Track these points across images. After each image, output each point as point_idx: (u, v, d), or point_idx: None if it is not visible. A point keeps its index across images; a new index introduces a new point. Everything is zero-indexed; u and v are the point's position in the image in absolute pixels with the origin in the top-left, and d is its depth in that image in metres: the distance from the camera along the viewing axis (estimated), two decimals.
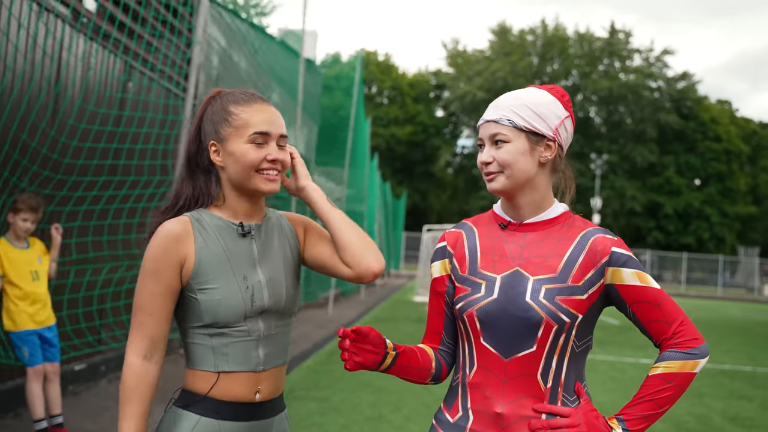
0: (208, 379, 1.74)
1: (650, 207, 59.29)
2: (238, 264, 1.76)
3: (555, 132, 1.76)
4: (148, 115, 6.46)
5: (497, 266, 1.75)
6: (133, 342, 1.73)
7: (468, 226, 1.88)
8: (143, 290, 1.73)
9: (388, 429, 5.62)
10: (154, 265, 1.72)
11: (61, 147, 5.37)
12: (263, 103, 1.80)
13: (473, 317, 1.73)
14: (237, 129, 1.76)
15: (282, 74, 11.54)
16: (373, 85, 62.42)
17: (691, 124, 60.37)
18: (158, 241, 1.73)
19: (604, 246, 1.71)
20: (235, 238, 1.78)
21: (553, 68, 62.29)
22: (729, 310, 29.21)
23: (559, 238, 1.74)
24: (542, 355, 1.68)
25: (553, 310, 1.66)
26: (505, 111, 1.74)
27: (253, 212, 1.83)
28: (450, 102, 62.04)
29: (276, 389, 1.80)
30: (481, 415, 1.72)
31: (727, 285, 52.71)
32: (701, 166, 59.94)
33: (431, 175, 62.27)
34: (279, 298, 1.78)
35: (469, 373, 1.76)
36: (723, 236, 59.64)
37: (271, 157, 1.75)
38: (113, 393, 6.12)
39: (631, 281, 1.69)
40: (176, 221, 1.76)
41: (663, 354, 1.70)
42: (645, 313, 1.70)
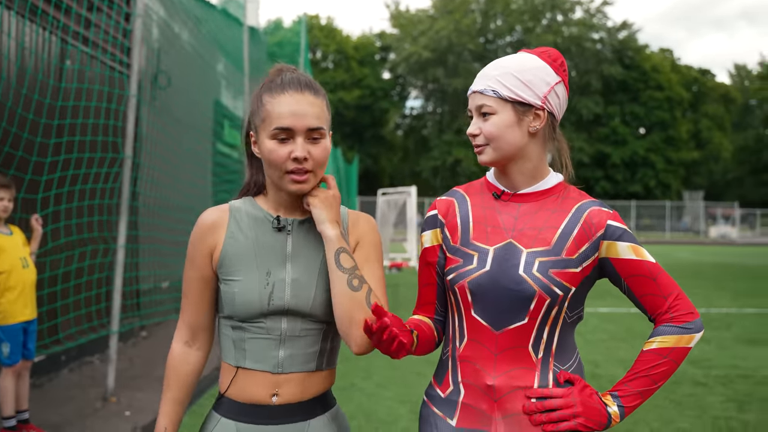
0: (229, 373, 1.68)
1: (597, 158, 60.32)
2: (264, 258, 1.65)
3: (543, 100, 1.69)
4: (90, 86, 6.21)
5: (490, 238, 1.70)
6: (178, 328, 1.76)
7: (460, 194, 1.81)
8: (185, 276, 1.73)
9: (361, 396, 5.62)
10: (191, 252, 1.72)
11: (3, 133, 5.12)
12: (295, 92, 1.60)
13: (465, 289, 1.68)
14: (263, 122, 1.63)
15: (226, 44, 11.22)
16: (318, 49, 61.60)
17: (634, 74, 61.29)
18: (195, 229, 1.71)
19: (600, 219, 1.67)
20: (269, 231, 1.67)
21: (496, 24, 62.32)
22: (678, 253, 30.06)
23: (553, 210, 1.70)
24: (534, 327, 1.65)
25: (547, 283, 1.62)
26: (490, 81, 1.67)
27: (293, 205, 1.70)
28: (396, 64, 61.65)
29: (302, 393, 1.65)
30: (472, 388, 1.69)
31: (675, 229, 54.23)
32: (645, 115, 61.06)
33: (381, 138, 62.12)
34: (304, 300, 1.63)
35: (459, 346, 1.72)
36: (668, 183, 61.17)
37: (295, 155, 1.58)
38: (75, 382, 5.98)
39: (627, 255, 1.66)
40: (215, 210, 1.71)
41: (658, 328, 1.67)
42: (640, 287, 1.67)
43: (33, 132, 5.44)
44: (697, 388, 6.01)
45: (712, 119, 65.24)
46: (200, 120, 9.73)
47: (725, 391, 5.94)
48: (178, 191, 8.24)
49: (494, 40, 62.88)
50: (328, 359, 1.70)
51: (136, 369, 6.50)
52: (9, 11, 5.33)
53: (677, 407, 5.42)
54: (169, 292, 8.27)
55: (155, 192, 7.51)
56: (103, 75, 6.64)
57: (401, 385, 6.05)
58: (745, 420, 5.09)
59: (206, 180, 9.98)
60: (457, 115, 60.21)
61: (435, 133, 62.76)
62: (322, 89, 1.70)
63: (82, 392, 5.66)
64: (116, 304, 5.61)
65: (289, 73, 1.67)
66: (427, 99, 65.39)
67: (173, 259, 7.79)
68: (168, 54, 8.35)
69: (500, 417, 1.66)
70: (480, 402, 1.67)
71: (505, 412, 1.65)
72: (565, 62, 1.75)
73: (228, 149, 11.62)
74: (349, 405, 5.33)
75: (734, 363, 7.07)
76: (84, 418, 4.95)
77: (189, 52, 9.27)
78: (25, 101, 5.38)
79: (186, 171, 8.75)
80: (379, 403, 5.47)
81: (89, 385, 5.88)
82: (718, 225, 52.18)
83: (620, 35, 61.82)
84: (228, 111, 11.76)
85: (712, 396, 5.76)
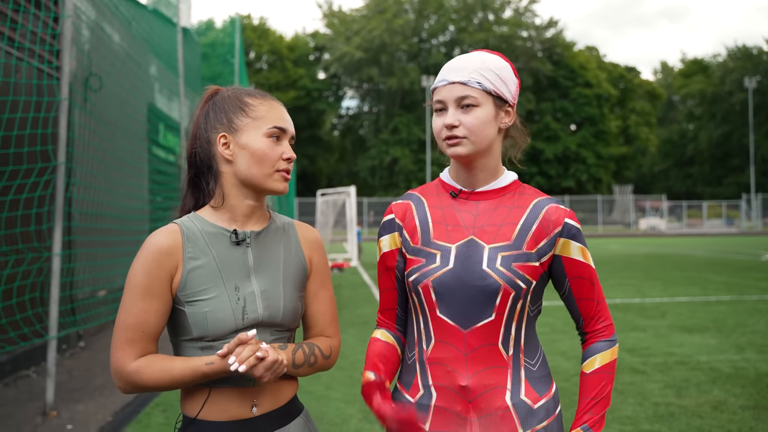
0: (200, 396, 1.61)
1: (531, 153, 61.51)
2: (229, 274, 1.61)
3: (514, 97, 1.73)
4: (19, 99, 5.98)
5: (451, 236, 1.70)
6: (125, 357, 1.57)
7: (416, 197, 1.80)
8: (133, 308, 1.57)
9: (310, 400, 5.58)
10: (146, 282, 1.57)
11: None
12: (274, 101, 1.72)
13: (428, 289, 1.67)
14: (255, 120, 1.64)
15: (158, 45, 10.98)
16: (251, 50, 60.93)
17: (562, 71, 62.79)
18: (147, 256, 1.59)
19: (558, 216, 1.70)
20: (228, 245, 1.64)
21: (430, 24, 62.85)
22: (611, 245, 30.92)
23: (511, 207, 1.72)
24: (501, 323, 1.66)
25: (511, 276, 1.64)
26: (473, 73, 1.65)
27: (253, 214, 1.69)
28: (330, 64, 61.55)
29: (277, 401, 1.67)
30: (444, 390, 1.67)
31: (606, 222, 55.78)
32: (575, 111, 62.64)
33: (318, 138, 61.91)
34: (275, 310, 1.64)
35: (427, 349, 1.70)
36: (600, 177, 62.90)
37: (287, 156, 1.66)
38: (12, 397, 5.74)
39: (577, 256, 1.70)
40: (164, 232, 1.62)
41: (593, 346, 1.74)
42: (580, 289, 1.73)
43: None
44: (637, 376, 6.19)
45: (640, 115, 67.40)
46: (134, 123, 9.50)
47: (664, 377, 6.13)
48: (113, 194, 8.02)
49: (428, 39, 63.41)
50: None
51: (76, 381, 6.29)
52: None
53: (619, 396, 5.56)
54: (105, 302, 8.04)
55: (90, 196, 7.29)
56: (29, 84, 6.39)
57: (348, 385, 6.03)
58: (684, 405, 5.26)
59: (142, 183, 9.75)
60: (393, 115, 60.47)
61: (371, 132, 62.92)
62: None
63: (20, 407, 5.44)
64: (54, 314, 5.42)
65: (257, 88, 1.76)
66: (363, 99, 65.50)
67: (109, 263, 7.58)
68: (99, 56, 8.12)
69: (476, 418, 1.65)
70: (454, 404, 1.66)
71: (481, 412, 1.65)
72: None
73: (164, 153, 11.37)
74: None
75: (671, 350, 7.31)
76: None
77: (121, 54, 9.03)
78: None
79: (121, 175, 8.53)
80: (328, 405, 5.45)
81: (27, 400, 5.66)
82: (648, 217, 53.91)
83: (548, 33, 63.21)
84: (163, 113, 11.51)
85: (651, 383, 5.94)
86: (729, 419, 4.90)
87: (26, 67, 6.51)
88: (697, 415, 4.99)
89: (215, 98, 1.70)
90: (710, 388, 5.73)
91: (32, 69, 6.63)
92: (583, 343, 1.78)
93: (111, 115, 8.38)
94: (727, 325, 8.85)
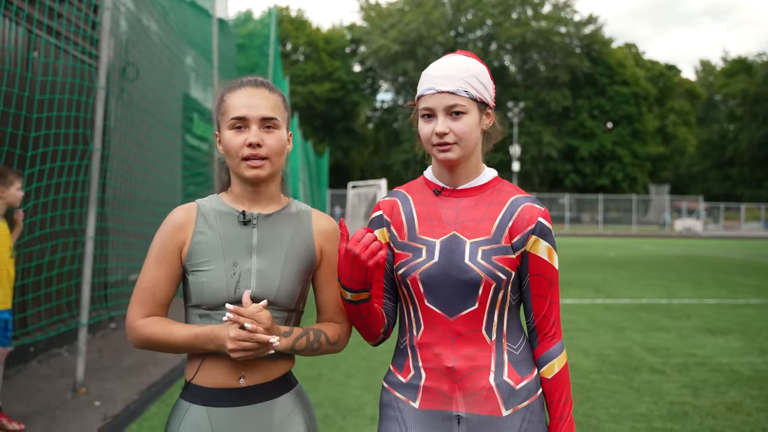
0: (196, 361, 1.77)
1: (566, 151, 60.95)
2: (231, 250, 1.76)
3: (493, 99, 1.84)
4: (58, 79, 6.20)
5: (435, 231, 1.81)
6: (136, 313, 1.76)
7: (402, 194, 1.92)
8: (148, 273, 1.76)
9: (328, 387, 5.72)
10: (160, 251, 1.77)
11: None
12: (250, 87, 1.78)
13: (416, 281, 1.79)
14: (223, 116, 1.77)
15: (195, 36, 11.19)
16: (288, 42, 61.30)
17: (600, 68, 62.03)
18: (164, 228, 1.79)
19: (532, 215, 1.80)
20: (235, 224, 1.79)
21: (467, 18, 62.55)
22: (644, 246, 30.58)
23: (490, 203, 1.83)
24: (484, 311, 1.78)
25: (491, 269, 1.75)
26: (460, 82, 1.76)
27: (256, 199, 1.82)
28: (366, 57, 61.62)
29: (266, 375, 1.78)
30: (432, 371, 1.80)
31: (641, 222, 55.06)
32: (612, 109, 61.83)
33: (352, 131, 62.10)
34: (269, 289, 1.75)
35: (417, 334, 1.83)
36: (635, 176, 62.04)
37: (249, 141, 1.72)
38: (44, 374, 5.99)
39: (542, 254, 1.82)
40: (183, 208, 1.81)
41: (549, 352, 1.84)
42: (538, 286, 1.83)
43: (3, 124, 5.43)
44: (655, 376, 6.22)
45: (678, 114, 66.26)
46: (169, 112, 9.72)
47: (682, 377, 6.15)
48: (147, 183, 8.24)
49: (464, 34, 63.14)
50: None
51: (105, 360, 6.52)
52: None
53: (635, 393, 5.60)
54: None
55: (124, 184, 7.51)
56: (73, 67, 6.61)
57: (367, 373, 6.16)
58: (699, 405, 5.29)
59: (175, 172, 9.97)
60: None
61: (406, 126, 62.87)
62: (279, 90, 1.84)
63: (52, 384, 5.68)
64: (86, 296, 5.63)
65: (249, 76, 1.83)
66: (398, 92, 65.44)
67: (141, 252, 7.80)
68: (136, 46, 8.33)
69: (461, 397, 1.78)
70: (441, 384, 1.79)
71: (466, 392, 1.78)
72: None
73: (197, 142, 11.60)
74: (317, 394, 5.43)
75: (692, 351, 7.31)
76: (54, 409, 4.99)
77: (157, 45, 9.24)
78: None
79: (155, 163, 8.75)
80: (346, 391, 5.58)
81: (58, 377, 5.90)
82: (683, 218, 53.10)
83: (587, 30, 62.45)
84: (197, 104, 11.73)
85: (669, 383, 5.96)
86: (743, 420, 4.92)
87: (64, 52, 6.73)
88: (711, 416, 5.02)
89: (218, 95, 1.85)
90: (727, 390, 5.74)
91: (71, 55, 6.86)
92: (535, 346, 1.87)
93: (147, 105, 8.60)
94: (752, 328, 8.79)
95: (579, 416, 4.98)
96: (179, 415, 1.77)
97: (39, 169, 5.88)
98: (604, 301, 11.37)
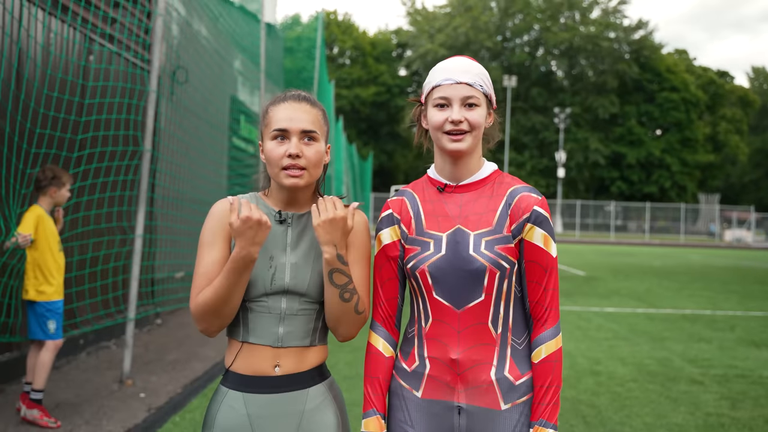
0: (234, 348, 1.90)
1: (613, 158, 60.04)
2: (268, 246, 1.89)
3: (494, 102, 1.96)
4: (111, 84, 6.44)
5: (441, 225, 1.92)
6: (193, 297, 1.86)
7: (408, 193, 2.03)
8: (201, 261, 1.88)
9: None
10: (210, 237, 1.89)
11: (28, 133, 5.34)
12: (293, 101, 1.90)
13: (425, 273, 1.89)
14: (266, 127, 1.90)
15: (243, 40, 11.45)
16: (334, 45, 61.78)
17: (648, 74, 61.00)
18: (211, 217, 1.91)
19: (528, 203, 1.88)
20: (273, 223, 1.92)
21: (514, 23, 62.17)
22: (691, 256, 30.02)
23: (490, 196, 1.92)
24: (491, 303, 1.87)
25: (494, 258, 1.84)
26: (476, 77, 1.88)
27: (293, 202, 1.94)
28: (412, 61, 61.70)
29: (299, 365, 1.89)
30: (437, 362, 1.90)
31: (689, 232, 53.92)
32: (660, 115, 60.75)
33: (396, 135, 62.21)
34: (301, 281, 1.88)
35: (425, 326, 1.93)
36: (684, 185, 60.81)
37: (289, 152, 1.84)
38: (93, 365, 6.23)
39: (538, 241, 1.88)
40: (225, 201, 1.92)
41: (539, 337, 1.89)
42: (532, 272, 1.90)
43: (57, 128, 5.68)
44: (693, 386, 6.17)
45: (730, 122, 64.77)
46: (217, 115, 9.97)
47: (720, 389, 6.09)
48: (194, 184, 8.48)
49: (512, 39, 62.75)
50: (320, 336, 1.94)
51: (151, 354, 6.74)
52: (35, 7, 5.56)
53: (672, 403, 5.58)
54: (182, 282, 8.52)
55: (172, 184, 7.75)
56: (125, 72, 6.86)
57: None
58: (737, 417, 5.24)
59: (221, 173, 10.22)
60: None
61: None
62: (321, 104, 1.96)
63: (99, 375, 5.91)
64: (133, 292, 5.85)
65: (293, 90, 1.95)
66: None
67: (187, 250, 8.04)
68: (186, 50, 8.58)
69: (462, 389, 1.88)
70: (444, 375, 1.89)
71: (467, 384, 1.88)
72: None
73: (243, 144, 11.84)
74: (355, 392, 5.53)
75: (733, 363, 7.21)
76: (101, 399, 5.20)
77: (207, 49, 9.50)
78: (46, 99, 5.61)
79: (202, 164, 8.99)
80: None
81: (106, 369, 6.12)
82: (733, 229, 51.85)
83: (636, 35, 61.48)
84: (244, 106, 11.98)
85: (707, 394, 5.91)
86: None
87: (117, 56, 6.98)
88: (749, 428, 4.98)
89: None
90: (767, 403, 5.67)
91: (123, 59, 7.11)
92: (530, 333, 1.94)
93: (195, 107, 8.85)
94: None
95: (614, 424, 4.99)
96: (218, 400, 1.90)
97: (95, 167, 6.12)
98: (646, 310, 11.25)
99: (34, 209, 4.66)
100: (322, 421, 1.91)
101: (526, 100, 60.41)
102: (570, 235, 48.56)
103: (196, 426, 4.67)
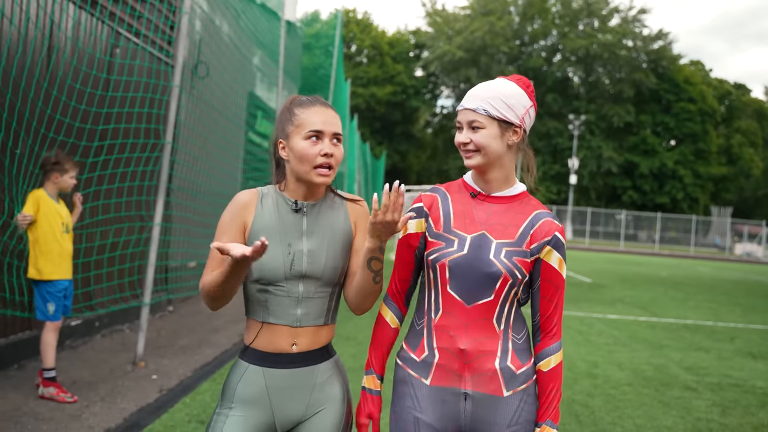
0: (255, 327, 2.11)
1: (626, 167, 59.90)
2: (286, 233, 2.10)
3: (521, 120, 2.12)
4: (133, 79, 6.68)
5: (468, 227, 2.12)
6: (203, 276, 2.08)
7: (442, 191, 2.23)
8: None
9: None
10: (227, 224, 2.11)
11: (56, 123, 5.59)
12: (322, 106, 2.10)
13: (445, 267, 2.09)
14: (297, 127, 2.08)
15: (263, 37, 11.68)
16: (353, 44, 61.98)
17: (665, 84, 60.79)
18: (230, 207, 2.13)
19: (550, 228, 2.11)
20: (289, 212, 2.13)
21: (533, 27, 62.13)
22: (699, 268, 30.04)
23: (517, 212, 2.13)
24: (498, 303, 2.07)
25: (511, 267, 2.05)
26: (482, 102, 2.08)
27: (310, 195, 2.15)
28: (430, 62, 61.78)
29: (313, 343, 2.11)
30: (446, 352, 2.10)
31: (700, 244, 53.74)
32: (676, 126, 60.52)
33: (411, 135, 62.40)
34: (317, 266, 2.09)
35: (435, 318, 2.12)
36: (696, 197, 60.57)
37: (324, 152, 2.04)
38: (108, 347, 6.48)
39: (554, 263, 2.12)
40: (247, 192, 2.15)
41: (547, 349, 2.13)
42: (546, 289, 2.13)
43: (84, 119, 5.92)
44: (687, 392, 6.34)
45: (745, 134, 64.46)
46: (235, 109, 10.21)
47: (713, 396, 6.26)
48: (210, 176, 8.71)
49: (529, 44, 62.74)
50: (332, 316, 2.17)
51: (163, 339, 6.99)
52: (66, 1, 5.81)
53: (664, 407, 5.76)
54: (195, 270, 8.76)
55: (189, 176, 7.99)
56: (149, 67, 7.10)
57: None
58: (725, 423, 5.42)
59: (236, 167, 10.46)
60: None
61: None
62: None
63: (114, 356, 6.15)
64: (149, 278, 6.09)
65: (317, 96, 2.16)
66: (459, 99, 65.34)
67: (201, 240, 8.28)
68: (208, 46, 8.82)
69: (469, 376, 2.08)
70: (452, 363, 2.09)
71: (474, 372, 2.08)
72: (534, 90, 2.19)
73: (259, 139, 12.08)
74: (359, 384, 5.73)
75: (729, 373, 7.37)
76: (115, 379, 5.44)
77: (228, 45, 9.73)
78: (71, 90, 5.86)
79: (218, 157, 9.22)
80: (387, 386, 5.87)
81: (120, 350, 6.37)
82: (744, 242, 51.67)
83: (655, 45, 61.27)
84: (262, 102, 12.22)
85: (699, 400, 6.09)
86: None
87: (142, 51, 7.23)
88: None
89: (281, 109, 2.18)
90: (757, 411, 5.84)
91: (148, 54, 7.35)
92: (537, 342, 2.17)
93: (214, 101, 9.08)
94: None
95: (606, 424, 5.18)
96: (238, 373, 2.12)
97: (115, 158, 6.36)
98: (648, 319, 11.40)
99: (36, 191, 4.88)
100: (330, 393, 2.14)
101: (542, 105, 60.43)
102: (580, 242, 48.57)
103: (205, 407, 4.90)
